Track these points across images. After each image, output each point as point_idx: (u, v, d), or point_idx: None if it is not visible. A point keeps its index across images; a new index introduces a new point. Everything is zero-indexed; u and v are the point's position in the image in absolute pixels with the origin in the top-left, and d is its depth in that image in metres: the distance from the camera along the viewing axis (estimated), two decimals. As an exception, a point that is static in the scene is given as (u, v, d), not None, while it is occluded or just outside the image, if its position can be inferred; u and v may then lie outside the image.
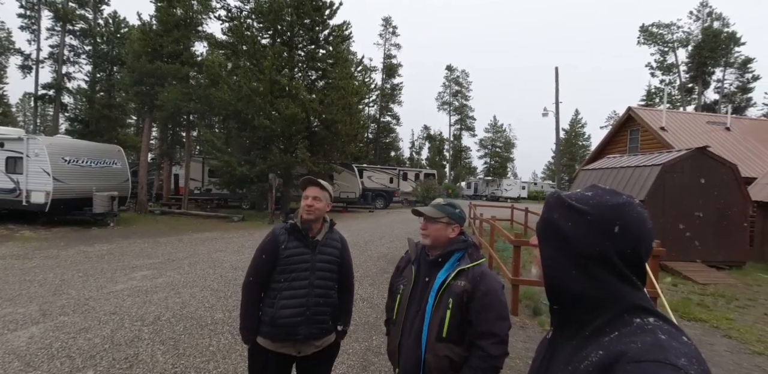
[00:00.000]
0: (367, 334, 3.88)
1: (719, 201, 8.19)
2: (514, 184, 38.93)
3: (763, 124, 15.91)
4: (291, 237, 1.87)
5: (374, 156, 38.96)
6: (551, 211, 0.74)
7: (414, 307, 1.60)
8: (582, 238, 0.67)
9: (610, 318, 0.64)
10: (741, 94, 34.12)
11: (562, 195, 0.75)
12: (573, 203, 0.70)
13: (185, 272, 6.05)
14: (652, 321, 0.62)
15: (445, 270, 1.57)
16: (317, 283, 1.87)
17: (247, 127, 14.42)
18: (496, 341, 1.45)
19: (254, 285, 1.87)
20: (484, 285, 1.50)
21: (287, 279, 1.83)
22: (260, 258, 1.87)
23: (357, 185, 18.32)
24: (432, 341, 1.50)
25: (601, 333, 0.63)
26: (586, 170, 10.90)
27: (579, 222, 0.68)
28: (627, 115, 14.28)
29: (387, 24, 44.84)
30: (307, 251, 1.87)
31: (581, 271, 0.67)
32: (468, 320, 1.49)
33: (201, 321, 4.04)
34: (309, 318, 1.82)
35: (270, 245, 1.86)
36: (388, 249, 8.57)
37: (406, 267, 1.75)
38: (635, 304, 0.64)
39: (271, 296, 1.85)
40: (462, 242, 1.63)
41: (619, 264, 0.65)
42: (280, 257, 1.83)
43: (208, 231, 10.72)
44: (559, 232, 0.70)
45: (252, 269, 1.89)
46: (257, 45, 14.24)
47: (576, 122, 51.45)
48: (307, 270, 1.85)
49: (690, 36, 35.63)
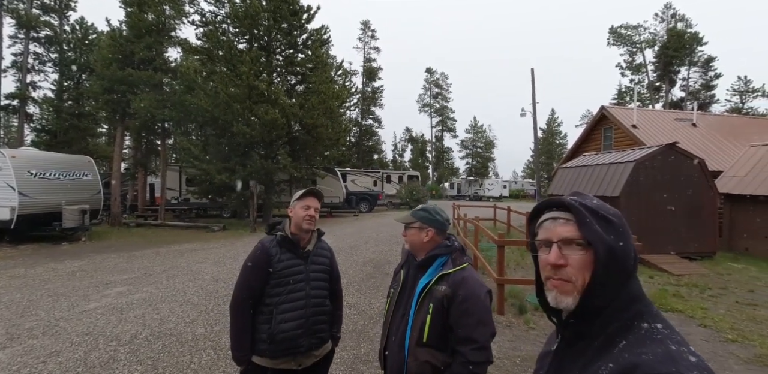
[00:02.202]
0: (354, 342, 3.82)
1: (689, 194, 8.53)
2: (496, 184, 39.57)
3: (726, 120, 16.73)
4: (282, 249, 1.83)
5: (357, 159, 38.87)
6: (594, 223, 0.66)
7: (400, 311, 1.60)
8: (626, 250, 0.65)
9: (620, 326, 0.63)
10: (705, 91, 35.87)
11: (586, 204, 0.69)
12: (603, 213, 0.67)
13: (163, 286, 5.83)
14: (660, 329, 0.61)
15: (428, 275, 1.57)
16: (313, 293, 1.85)
17: (226, 133, 14.13)
18: (475, 347, 1.42)
19: (246, 303, 1.79)
20: (464, 290, 1.49)
21: (283, 293, 1.78)
22: (251, 274, 1.80)
23: (341, 189, 18.21)
24: (413, 345, 1.49)
25: (611, 343, 0.62)
26: (564, 168, 11.17)
27: (617, 234, 0.66)
28: (600, 113, 14.74)
29: (366, 28, 45.03)
30: (300, 262, 1.85)
31: (619, 285, 0.65)
32: (449, 325, 1.47)
33: (181, 338, 3.89)
34: (309, 329, 1.81)
35: (261, 259, 1.80)
36: (374, 253, 8.51)
37: (398, 272, 1.77)
38: (642, 310, 0.64)
39: (266, 312, 1.78)
40: (445, 247, 1.62)
41: (636, 272, 0.67)
42: (273, 271, 1.79)
43: (186, 242, 10.39)
44: (609, 247, 0.64)
45: (242, 286, 1.81)
46: (234, 50, 14.00)
47: (552, 121, 52.85)
48: (302, 281, 1.83)
49: (656, 37, 37.27)
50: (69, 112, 20.59)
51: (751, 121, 17.39)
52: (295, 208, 1.88)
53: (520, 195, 42.49)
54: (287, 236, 1.84)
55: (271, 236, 1.89)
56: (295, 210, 1.87)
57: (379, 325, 4.28)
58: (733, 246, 9.83)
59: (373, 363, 3.38)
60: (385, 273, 6.75)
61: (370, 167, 36.45)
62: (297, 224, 1.85)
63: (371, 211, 20.91)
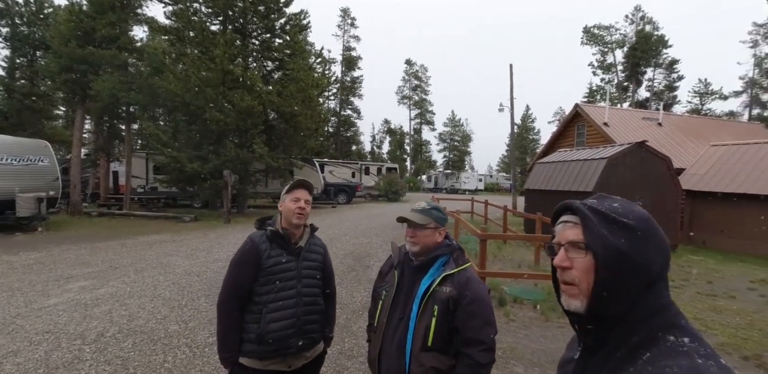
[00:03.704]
0: (338, 337, 3.74)
1: (655, 190, 8.96)
2: (472, 177, 40.30)
3: (688, 120, 17.70)
4: (273, 245, 1.74)
5: (335, 150, 38.41)
6: (598, 227, 0.64)
7: (397, 314, 1.52)
8: (641, 256, 0.62)
9: (644, 337, 0.60)
10: (668, 92, 37.78)
11: (597, 207, 0.67)
12: (616, 217, 0.64)
13: (131, 280, 5.51)
14: (687, 342, 0.58)
15: (430, 276, 1.50)
16: (305, 292, 1.77)
17: (198, 120, 13.47)
18: (483, 348, 1.40)
19: (235, 302, 1.69)
20: (470, 291, 1.45)
21: (273, 290, 1.69)
22: (240, 271, 1.71)
23: (319, 180, 17.91)
24: (417, 351, 1.42)
25: (635, 355, 0.59)
26: (540, 163, 11.45)
27: (632, 239, 0.62)
28: (574, 111, 15.17)
29: (345, 15, 44.03)
30: (291, 258, 1.76)
31: (634, 292, 0.62)
32: (454, 327, 1.43)
33: (153, 335, 3.68)
34: (300, 329, 1.72)
35: (251, 255, 1.70)
36: (354, 246, 8.43)
37: (389, 272, 1.66)
38: (669, 322, 0.61)
39: (255, 311, 1.69)
40: (446, 246, 1.56)
41: (662, 280, 0.63)
42: (263, 267, 1.70)
43: (155, 233, 9.90)
44: (618, 251, 0.62)
45: (230, 284, 1.72)
46: (206, 32, 13.26)
47: (527, 117, 54.17)
48: (293, 278, 1.74)
49: (626, 38, 38.69)
50: (22, 91, 18.90)
51: (710, 121, 18.49)
52: (284, 202, 1.79)
53: (495, 188, 43.56)
54: (278, 231, 1.75)
55: (261, 231, 1.79)
56: (284, 204, 1.78)
57: (362, 319, 4.23)
58: (693, 239, 10.48)
59: (357, 359, 3.33)
60: (366, 265, 6.70)
61: (348, 158, 36.15)
62: (287, 218, 1.77)
63: (349, 203, 20.75)
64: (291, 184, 1.82)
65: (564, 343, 3.28)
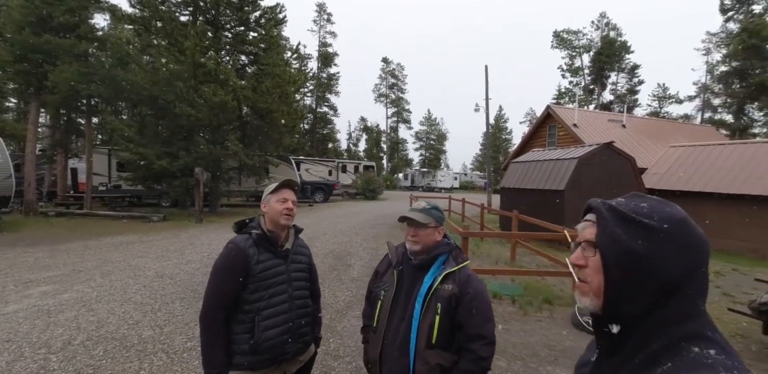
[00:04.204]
0: (323, 338, 3.69)
1: (621, 189, 9.44)
2: (448, 175, 40.95)
3: (648, 122, 18.78)
4: (260, 250, 1.64)
5: (311, 148, 37.87)
6: (612, 226, 0.64)
7: (398, 314, 1.52)
8: (658, 259, 0.59)
9: (666, 345, 0.58)
10: (630, 95, 39.90)
11: (616, 206, 0.66)
12: (637, 217, 0.62)
13: (98, 284, 5.20)
14: (713, 354, 0.55)
15: (431, 275, 1.52)
16: (296, 295, 1.72)
17: (166, 114, 12.84)
18: (485, 343, 1.45)
19: (221, 312, 1.58)
20: (471, 288, 1.48)
21: (265, 297, 1.61)
22: (226, 279, 1.59)
23: (295, 178, 17.54)
24: (422, 349, 1.44)
25: (654, 363, 0.58)
26: (515, 163, 11.78)
27: (651, 241, 0.60)
28: (546, 112, 15.73)
29: (321, 10, 43.36)
30: (280, 262, 1.69)
31: (651, 295, 0.60)
32: (456, 324, 1.46)
33: (125, 342, 3.49)
34: (295, 333, 1.68)
35: (237, 262, 1.59)
36: (334, 244, 8.36)
37: (386, 272, 1.65)
38: (695, 332, 0.58)
39: (246, 320, 1.59)
40: (446, 245, 1.59)
41: (688, 287, 0.59)
42: (253, 273, 1.60)
43: (121, 234, 9.38)
44: (630, 253, 0.61)
45: (214, 293, 1.59)
46: (175, 22, 12.65)
47: (500, 117, 55.58)
48: (284, 282, 1.68)
49: (592, 43, 40.50)
50: (-34, 81, 17.33)
51: (668, 124, 19.70)
52: (270, 203, 1.71)
53: (469, 186, 44.50)
54: (265, 234, 1.66)
55: (244, 235, 1.68)
56: (270, 205, 1.70)
57: (346, 319, 4.20)
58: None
59: (344, 359, 3.31)
60: (347, 264, 6.66)
61: (325, 156, 35.75)
62: (273, 220, 1.68)
63: (327, 201, 20.53)
64: (277, 184, 1.75)
65: (542, 336, 3.40)
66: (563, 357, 3.51)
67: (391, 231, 10.47)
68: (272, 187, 1.74)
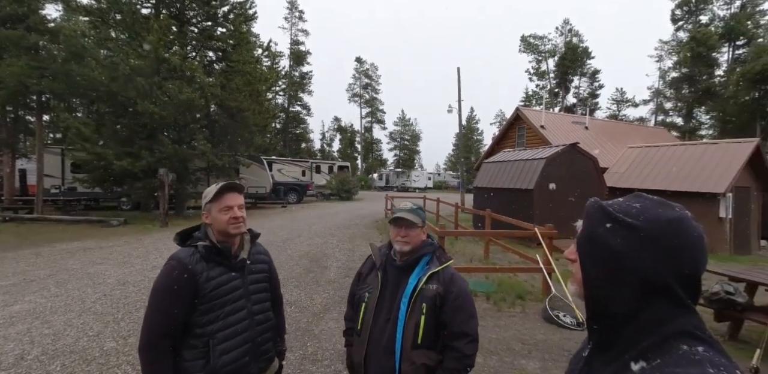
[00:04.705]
0: (300, 342, 3.62)
1: (585, 187, 9.92)
2: (422, 175, 41.41)
3: (608, 124, 19.84)
4: (210, 264, 1.41)
5: (283, 147, 37.13)
6: (595, 224, 0.66)
7: (383, 315, 1.51)
8: (635, 258, 0.60)
9: (655, 342, 0.59)
10: (591, 99, 42.05)
11: (605, 205, 0.68)
12: (621, 216, 0.64)
13: (52, 294, 4.83)
14: (701, 351, 0.56)
15: (416, 275, 1.53)
16: (256, 309, 1.51)
17: (127, 112, 12.17)
18: (469, 340, 1.47)
19: (166, 342, 1.34)
20: (455, 287, 1.50)
21: (220, 317, 1.39)
22: (171, 303, 1.35)
23: (267, 179, 17.16)
24: (408, 349, 1.44)
25: (644, 359, 0.59)
26: (487, 163, 12.09)
27: (630, 239, 0.61)
28: (516, 114, 16.26)
29: (292, 8, 42.61)
30: (235, 275, 1.46)
31: (632, 293, 0.61)
32: (441, 323, 1.47)
33: (86, 355, 3.26)
34: (256, 353, 1.50)
35: (182, 281, 1.35)
36: (309, 246, 8.21)
37: (369, 274, 1.64)
38: (684, 330, 0.59)
39: (199, 345, 1.37)
40: (430, 245, 1.60)
41: (675, 287, 0.59)
42: (203, 293, 1.37)
43: (77, 240, 8.77)
44: (608, 250, 0.63)
45: (158, 320, 1.34)
46: (136, 15, 12.00)
47: (472, 119, 56.90)
48: (241, 298, 1.46)
49: (556, 48, 42.31)
50: None
51: (625, 126, 20.91)
52: (211, 213, 1.45)
53: (443, 186, 45.23)
54: (215, 245, 1.43)
55: (188, 249, 1.42)
56: (212, 216, 1.45)
57: (323, 322, 4.14)
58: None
59: (322, 363, 3.25)
60: (323, 266, 6.57)
61: (298, 156, 35.18)
62: (221, 231, 1.45)
63: (300, 202, 20.17)
64: (215, 191, 1.45)
65: (516, 331, 3.50)
66: (536, 350, 3.63)
67: (367, 232, 10.43)
68: (210, 193, 1.47)
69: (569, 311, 4.53)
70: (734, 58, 31.33)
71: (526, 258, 6.13)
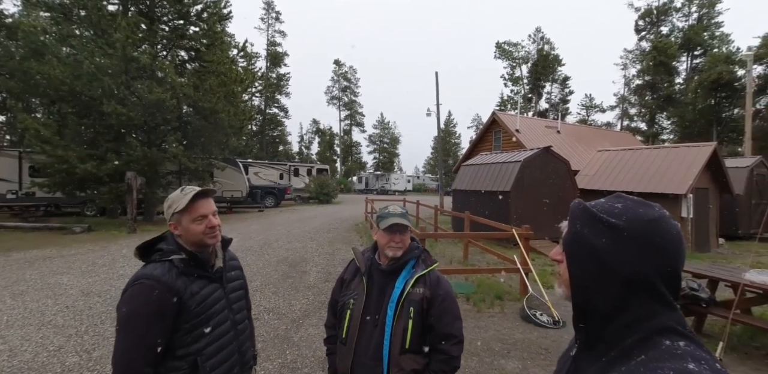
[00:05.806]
0: (278, 350, 3.52)
1: (558, 189, 10.24)
2: (401, 178, 41.61)
3: (578, 129, 20.65)
4: (191, 278, 1.30)
5: (260, 150, 36.37)
6: (579, 225, 0.68)
7: (370, 322, 1.48)
8: (619, 257, 0.62)
9: (640, 339, 0.61)
10: (562, 104, 43.70)
11: (588, 206, 0.70)
12: (604, 217, 0.65)
13: (8, 307, 4.48)
14: (683, 346, 0.58)
15: (403, 279, 1.51)
16: (238, 319, 1.45)
17: (92, 113, 11.56)
18: (455, 342, 1.47)
19: (147, 370, 1.20)
20: (442, 290, 1.50)
21: (207, 333, 1.30)
22: (153, 329, 1.20)
23: (243, 183, 16.71)
24: (396, 355, 1.41)
25: (628, 356, 0.61)
26: (466, 165, 12.27)
27: (614, 239, 0.63)
28: (492, 118, 16.63)
29: (269, 8, 42.02)
30: (216, 286, 1.38)
31: (616, 291, 0.63)
32: (428, 326, 1.46)
33: (45, 371, 3.03)
34: (241, 362, 1.45)
35: (163, 302, 1.21)
36: (288, 251, 8.04)
37: (353, 280, 1.60)
38: (666, 326, 0.61)
39: (184, 367, 1.25)
40: (416, 249, 1.59)
41: (658, 284, 0.61)
42: (189, 310, 1.26)
43: (35, 248, 8.22)
44: (592, 250, 0.64)
45: (136, 348, 1.18)
46: (102, 11, 11.47)
47: (450, 122, 57.81)
48: (224, 309, 1.39)
49: (529, 55, 43.75)
50: None
51: (594, 130, 21.83)
52: (182, 224, 1.32)
53: (422, 189, 45.62)
54: (195, 256, 1.32)
55: (159, 264, 1.27)
56: (183, 227, 1.32)
57: (303, 328, 4.04)
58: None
59: (302, 370, 3.16)
60: (302, 271, 6.44)
61: (275, 159, 34.54)
62: (196, 242, 1.34)
63: (278, 206, 19.77)
64: (187, 199, 1.31)
65: (495, 331, 3.54)
66: (515, 349, 3.68)
67: (347, 236, 10.34)
68: (178, 202, 1.32)
69: (545, 309, 4.64)
70: (692, 67, 33.47)
71: (504, 258, 6.24)
